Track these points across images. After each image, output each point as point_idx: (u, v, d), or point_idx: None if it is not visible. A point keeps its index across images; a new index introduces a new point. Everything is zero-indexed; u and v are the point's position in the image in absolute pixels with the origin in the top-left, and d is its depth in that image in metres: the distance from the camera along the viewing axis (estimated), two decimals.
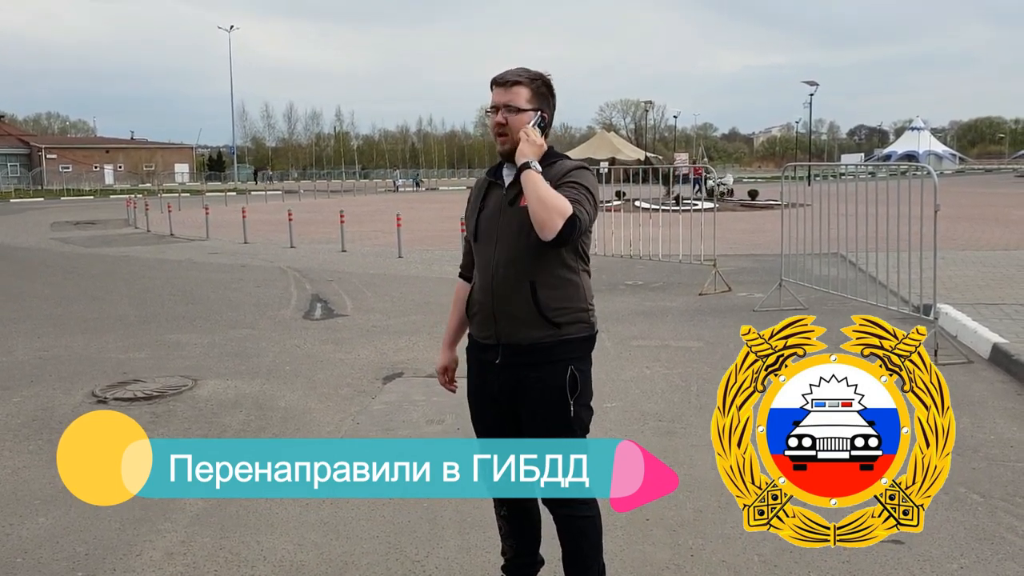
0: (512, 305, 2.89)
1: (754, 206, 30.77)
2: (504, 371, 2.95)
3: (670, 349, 7.63)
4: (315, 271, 14.37)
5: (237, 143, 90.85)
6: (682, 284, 11.88)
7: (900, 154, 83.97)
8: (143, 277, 14.09)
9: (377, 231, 22.43)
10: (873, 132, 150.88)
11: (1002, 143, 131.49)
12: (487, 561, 3.71)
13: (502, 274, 2.89)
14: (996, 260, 13.46)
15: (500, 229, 2.91)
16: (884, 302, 8.90)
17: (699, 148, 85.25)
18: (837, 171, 13.56)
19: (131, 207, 28.88)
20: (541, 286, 2.87)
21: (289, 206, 25.81)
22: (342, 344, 8.35)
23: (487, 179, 3.06)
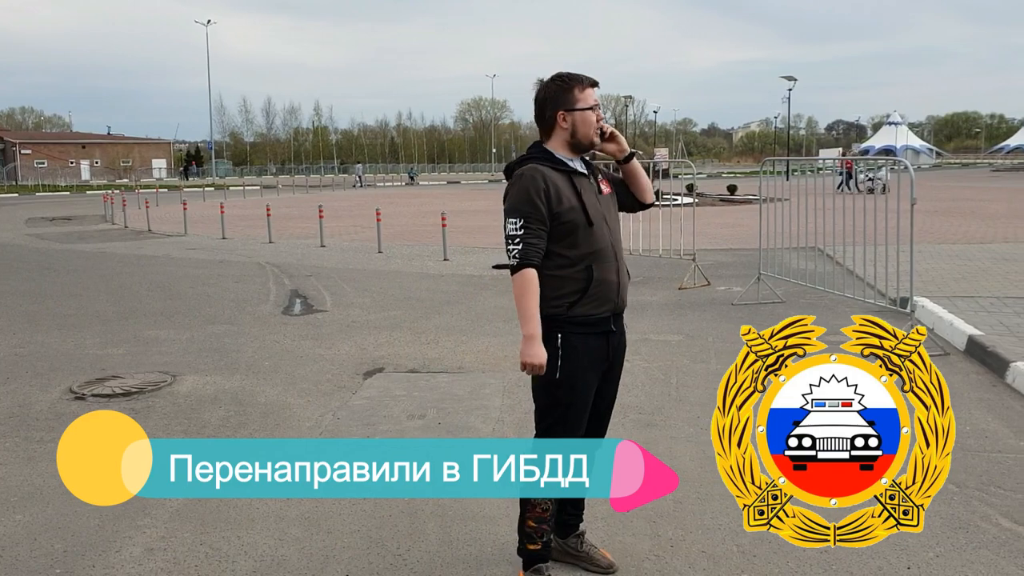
0: (628, 278, 3.42)
1: (733, 201, 30.91)
2: (617, 335, 3.38)
3: (650, 343, 7.66)
4: (294, 267, 14.31)
5: (215, 138, 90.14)
6: (662, 278, 11.93)
7: (878, 149, 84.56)
8: (120, 273, 13.98)
9: (357, 226, 22.36)
10: (851, 127, 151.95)
11: (978, 138, 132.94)
12: (468, 554, 3.72)
13: (620, 253, 3.35)
14: (972, 253, 13.60)
15: (608, 215, 3.34)
16: (861, 295, 8.98)
17: (679, 143, 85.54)
18: (816, 166, 13.65)
19: (108, 203, 28.62)
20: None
21: (267, 201, 25.65)
22: (322, 340, 8.32)
23: (566, 170, 3.27)
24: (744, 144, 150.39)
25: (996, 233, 17.40)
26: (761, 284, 10.06)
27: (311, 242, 18.20)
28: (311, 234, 19.22)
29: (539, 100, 3.33)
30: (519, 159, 3.36)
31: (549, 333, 3.20)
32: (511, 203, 3.23)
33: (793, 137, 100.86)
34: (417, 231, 20.61)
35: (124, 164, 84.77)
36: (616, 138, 3.41)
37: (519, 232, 3.17)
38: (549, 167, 3.24)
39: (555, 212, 3.18)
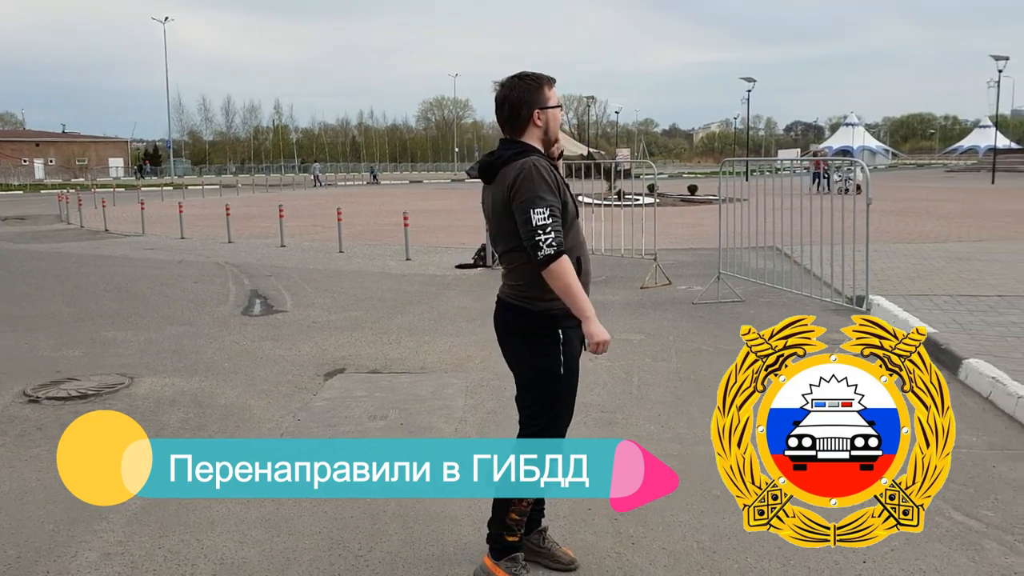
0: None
1: (694, 201, 31.18)
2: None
3: (612, 341, 7.65)
4: (254, 267, 14.17)
5: (174, 137, 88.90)
6: (624, 278, 12.00)
7: (835, 149, 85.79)
8: (76, 274, 13.74)
9: (318, 226, 22.20)
10: (809, 128, 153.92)
11: (933, 139, 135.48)
12: (431, 554, 3.72)
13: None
14: (926, 252, 13.86)
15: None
16: (819, 294, 9.12)
17: (640, 144, 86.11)
18: (775, 166, 13.81)
19: (63, 202, 28.12)
20: None
21: (227, 201, 25.37)
22: (282, 340, 8.25)
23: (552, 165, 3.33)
24: (704, 145, 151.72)
25: (950, 232, 17.75)
26: (721, 283, 10.16)
27: (271, 242, 18.04)
28: (271, 234, 19.05)
29: (513, 100, 3.30)
30: (508, 155, 3.27)
31: (550, 329, 3.28)
32: (533, 193, 3.14)
33: (752, 138, 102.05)
34: (379, 231, 20.52)
35: (80, 163, 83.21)
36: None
37: (548, 221, 3.13)
38: (551, 162, 3.31)
39: (563, 202, 3.25)
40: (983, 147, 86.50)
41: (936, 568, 3.55)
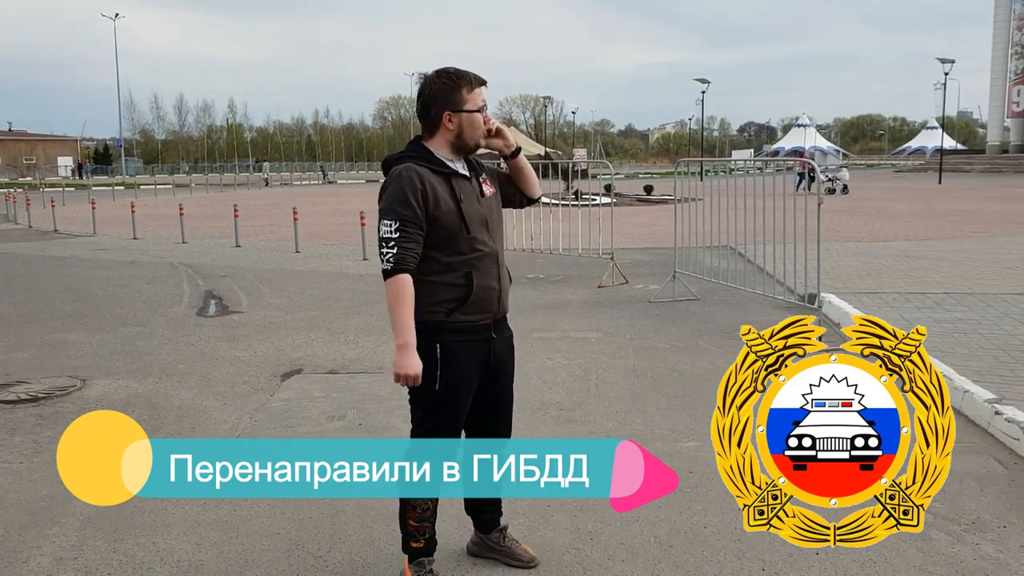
0: (509, 282, 3.36)
1: (650, 201, 31.43)
2: (498, 342, 3.32)
3: (570, 340, 7.75)
4: (208, 267, 14.00)
5: (125, 135, 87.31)
6: (582, 277, 12.07)
7: (787, 150, 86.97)
8: (24, 275, 13.46)
9: (273, 225, 21.99)
10: (762, 128, 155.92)
11: (882, 139, 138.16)
12: (390, 554, 3.72)
13: (502, 258, 3.28)
14: (876, 251, 14.15)
15: (490, 219, 3.23)
16: (772, 292, 9.27)
17: (597, 144, 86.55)
18: (728, 167, 13.99)
19: (11, 202, 27.50)
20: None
21: (180, 200, 25.02)
22: (238, 341, 8.18)
23: (446, 172, 3.13)
24: (660, 145, 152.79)
25: (898, 232, 18.14)
26: (676, 282, 10.27)
27: (226, 242, 17.82)
28: (226, 234, 18.82)
29: (424, 96, 3.16)
30: (397, 155, 3.18)
31: (427, 342, 3.10)
32: (386, 204, 3.05)
33: (707, 138, 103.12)
34: (335, 230, 20.38)
35: (27, 162, 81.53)
36: (503, 134, 3.27)
37: (394, 235, 3.00)
38: (428, 168, 3.10)
39: (432, 216, 3.05)
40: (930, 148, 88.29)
41: (886, 559, 3.64)
